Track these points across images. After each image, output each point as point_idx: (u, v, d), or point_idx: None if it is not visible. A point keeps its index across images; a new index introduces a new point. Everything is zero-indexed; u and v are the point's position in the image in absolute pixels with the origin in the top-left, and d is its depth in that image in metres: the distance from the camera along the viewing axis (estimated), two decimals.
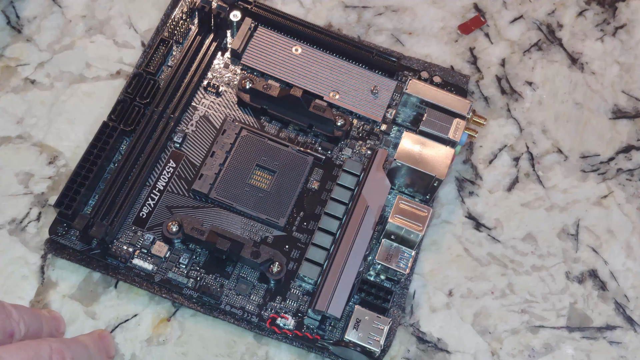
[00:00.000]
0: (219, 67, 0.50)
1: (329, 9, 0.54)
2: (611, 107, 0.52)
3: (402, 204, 0.43)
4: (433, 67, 0.51)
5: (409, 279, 0.45)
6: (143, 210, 0.45)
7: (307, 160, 0.47)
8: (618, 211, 0.49)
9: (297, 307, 0.43)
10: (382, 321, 0.41)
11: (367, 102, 0.49)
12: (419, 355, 0.44)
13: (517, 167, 0.50)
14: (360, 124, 0.49)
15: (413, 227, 0.43)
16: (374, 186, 0.45)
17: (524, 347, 0.45)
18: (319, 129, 0.48)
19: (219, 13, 0.49)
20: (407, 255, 0.43)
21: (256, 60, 0.50)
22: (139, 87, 0.47)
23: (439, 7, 0.55)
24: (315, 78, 0.49)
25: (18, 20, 0.51)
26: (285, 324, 0.43)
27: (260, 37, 0.50)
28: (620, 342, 0.46)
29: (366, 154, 0.48)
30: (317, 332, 0.43)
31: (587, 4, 0.56)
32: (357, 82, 0.49)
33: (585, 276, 0.47)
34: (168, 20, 0.50)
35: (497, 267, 0.47)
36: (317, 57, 0.50)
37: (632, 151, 0.51)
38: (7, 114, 0.48)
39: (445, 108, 0.47)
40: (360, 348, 0.41)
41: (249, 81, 0.48)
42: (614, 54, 0.54)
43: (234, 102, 0.49)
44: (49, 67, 0.50)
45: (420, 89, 0.47)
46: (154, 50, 0.49)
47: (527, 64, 0.53)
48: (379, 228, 0.45)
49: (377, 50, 0.50)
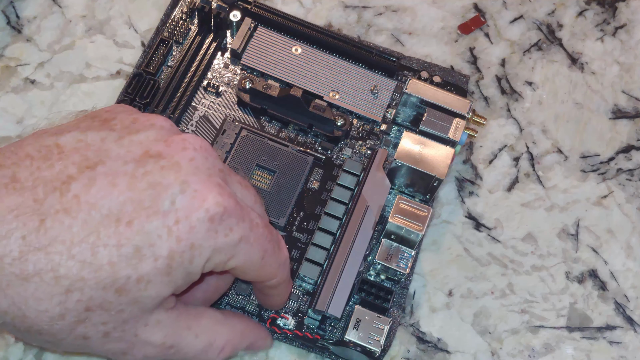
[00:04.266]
0: (218, 67, 0.50)
1: (329, 9, 0.54)
2: (611, 107, 0.52)
3: (402, 203, 0.43)
4: (433, 67, 0.51)
5: (409, 279, 0.45)
6: None
7: (307, 160, 0.47)
8: (618, 211, 0.49)
9: (297, 307, 0.43)
10: (382, 321, 0.41)
11: (367, 102, 0.49)
12: (419, 355, 0.44)
13: (517, 167, 0.50)
14: (360, 123, 0.49)
15: (413, 227, 0.43)
16: (374, 186, 0.45)
17: (524, 347, 0.45)
18: (318, 128, 0.48)
19: (218, 13, 0.49)
20: (407, 255, 0.43)
21: (256, 60, 0.50)
22: (139, 87, 0.47)
23: (439, 7, 0.55)
24: (315, 78, 0.49)
25: (18, 20, 0.51)
26: (285, 324, 0.43)
27: (260, 37, 0.50)
28: (620, 342, 0.46)
29: (366, 154, 0.48)
30: (317, 332, 0.43)
31: (587, 4, 0.56)
32: (357, 82, 0.49)
33: (585, 276, 0.47)
34: (168, 21, 0.50)
35: (497, 267, 0.47)
36: (317, 57, 0.50)
37: (632, 151, 0.51)
38: (7, 114, 0.49)
39: (445, 108, 0.47)
40: (360, 348, 0.41)
41: (249, 81, 0.48)
42: (614, 54, 0.54)
43: (234, 102, 0.49)
44: (49, 67, 0.50)
45: (420, 89, 0.47)
46: (154, 50, 0.49)
47: (527, 64, 0.53)
48: (378, 228, 0.45)
49: (377, 50, 0.50)
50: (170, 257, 0.31)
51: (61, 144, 0.32)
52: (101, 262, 0.30)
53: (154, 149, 0.32)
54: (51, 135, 0.32)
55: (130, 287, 0.31)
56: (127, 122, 0.33)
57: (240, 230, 0.32)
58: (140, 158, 0.31)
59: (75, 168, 0.31)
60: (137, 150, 0.32)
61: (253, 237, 0.33)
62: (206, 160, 0.33)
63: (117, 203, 0.30)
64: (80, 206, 0.30)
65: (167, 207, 0.31)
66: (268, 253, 0.35)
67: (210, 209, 0.31)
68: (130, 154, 0.32)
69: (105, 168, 0.31)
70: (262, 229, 0.34)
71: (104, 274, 0.30)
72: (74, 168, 0.31)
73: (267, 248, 0.35)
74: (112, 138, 0.32)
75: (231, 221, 0.32)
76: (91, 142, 0.32)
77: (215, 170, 0.33)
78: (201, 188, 0.31)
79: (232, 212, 0.32)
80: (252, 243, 0.33)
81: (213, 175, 0.32)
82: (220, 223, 0.32)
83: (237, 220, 0.32)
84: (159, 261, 0.31)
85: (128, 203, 0.30)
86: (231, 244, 0.32)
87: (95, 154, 0.31)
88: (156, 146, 0.32)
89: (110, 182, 0.31)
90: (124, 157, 0.31)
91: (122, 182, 0.31)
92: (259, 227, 0.34)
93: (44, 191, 0.30)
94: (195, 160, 0.32)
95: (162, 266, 0.31)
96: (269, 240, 0.35)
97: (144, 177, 0.31)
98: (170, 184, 0.31)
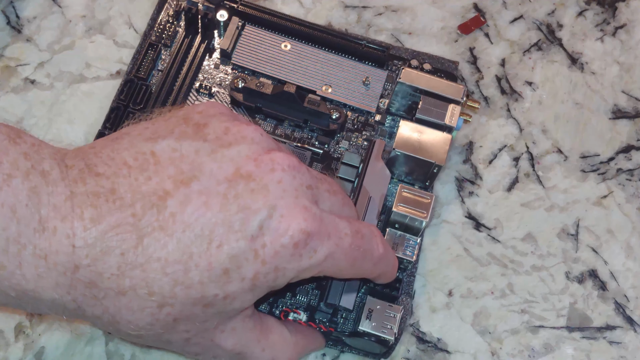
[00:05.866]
0: (209, 68, 0.50)
1: (329, 9, 0.54)
2: (611, 107, 0.52)
3: (405, 192, 0.44)
4: (422, 55, 0.51)
5: (415, 266, 0.45)
6: None
7: (306, 155, 0.47)
8: (618, 211, 0.49)
9: (307, 302, 0.44)
10: (394, 309, 0.42)
11: (360, 93, 0.49)
12: (418, 355, 0.44)
13: (517, 167, 0.50)
14: (355, 115, 0.49)
15: (417, 215, 0.43)
16: (375, 176, 0.45)
17: (524, 347, 0.45)
18: (314, 123, 0.48)
19: (206, 14, 0.49)
20: (413, 242, 0.43)
21: (246, 59, 0.50)
22: (131, 93, 0.47)
23: (439, 7, 0.55)
24: (306, 73, 0.49)
25: (18, 20, 0.51)
26: (297, 318, 0.43)
27: (248, 35, 0.50)
28: (620, 342, 0.46)
29: (363, 146, 0.48)
30: (330, 325, 0.43)
31: (587, 4, 0.56)
32: (349, 75, 0.50)
33: (585, 276, 0.47)
34: (155, 25, 0.50)
35: (497, 267, 0.47)
36: (307, 52, 0.50)
37: (632, 151, 0.51)
38: (7, 114, 0.49)
39: (439, 94, 0.47)
40: (374, 337, 0.41)
41: (241, 80, 0.48)
42: (614, 54, 0.54)
43: (228, 102, 0.49)
44: (49, 67, 0.50)
45: (414, 77, 0.47)
46: (143, 55, 0.49)
47: (527, 64, 0.53)
48: (382, 218, 0.45)
49: (365, 42, 0.50)
50: (255, 277, 0.33)
51: (157, 152, 0.33)
52: (192, 281, 0.32)
53: (245, 169, 0.33)
54: (146, 141, 0.33)
55: (217, 302, 0.33)
56: (219, 131, 0.34)
57: (325, 250, 0.34)
58: (232, 177, 0.33)
59: (171, 183, 0.32)
60: (229, 167, 0.33)
61: (339, 252, 0.35)
62: (294, 180, 0.34)
63: (210, 224, 0.32)
64: (175, 225, 0.31)
65: (255, 232, 0.32)
66: (358, 259, 0.36)
67: (294, 235, 0.33)
68: (222, 171, 0.33)
69: (200, 185, 0.32)
70: (350, 239, 0.35)
71: (194, 292, 0.32)
72: (170, 183, 0.32)
73: (356, 256, 0.36)
74: (206, 151, 0.33)
75: (315, 243, 0.33)
76: (186, 153, 0.33)
77: (302, 189, 0.34)
78: (287, 213, 0.33)
79: (316, 234, 0.33)
80: (338, 257, 0.35)
81: (300, 196, 0.34)
82: (305, 247, 0.33)
83: (322, 240, 0.34)
84: (245, 281, 0.32)
85: (219, 225, 0.32)
86: (316, 264, 0.34)
87: (189, 168, 0.32)
88: (246, 165, 0.33)
89: (204, 203, 0.32)
90: (216, 175, 0.32)
91: (215, 203, 0.32)
92: (347, 238, 0.35)
93: (142, 207, 0.31)
94: (283, 182, 0.33)
95: (247, 286, 0.33)
96: (357, 248, 0.36)
97: (235, 200, 0.32)
98: (259, 209, 0.32)
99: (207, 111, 0.36)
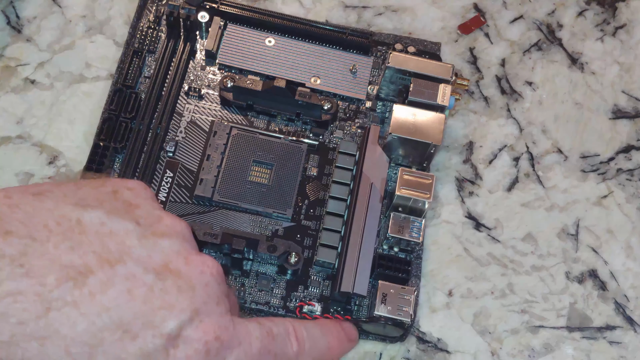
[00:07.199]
0: (196, 70, 0.50)
1: (329, 9, 0.54)
2: (611, 107, 0.52)
3: (406, 175, 0.44)
4: (404, 39, 0.51)
5: (421, 248, 0.45)
6: None
7: (302, 148, 0.47)
8: (618, 211, 0.49)
9: (320, 293, 0.44)
10: (407, 291, 0.42)
11: (348, 82, 0.50)
12: (418, 355, 0.44)
13: (517, 167, 0.50)
14: (346, 104, 0.49)
15: (420, 196, 0.43)
16: (374, 162, 0.45)
17: (524, 347, 0.45)
18: (306, 115, 0.48)
19: (187, 17, 0.49)
20: (418, 224, 0.44)
21: (232, 57, 0.50)
22: (121, 102, 0.47)
23: (439, 7, 0.55)
24: (293, 67, 0.49)
25: (18, 20, 0.51)
26: (312, 310, 0.43)
27: (231, 34, 0.50)
28: (620, 342, 0.46)
29: (357, 133, 0.48)
30: (345, 313, 0.43)
31: (587, 4, 0.56)
32: (335, 64, 0.50)
33: (585, 276, 0.47)
34: (136, 32, 0.50)
35: (497, 267, 0.47)
36: (291, 45, 0.50)
37: (632, 151, 0.51)
38: (7, 114, 0.49)
39: (429, 75, 0.47)
40: (391, 321, 0.41)
41: (230, 79, 0.48)
42: (614, 54, 0.54)
43: (218, 103, 0.49)
44: (49, 67, 0.50)
45: (402, 60, 0.47)
46: (129, 64, 0.48)
47: (527, 64, 0.53)
48: (384, 202, 0.46)
49: (348, 30, 0.50)
50: None
51: (84, 222, 0.31)
52: None
53: (174, 264, 0.32)
54: (74, 207, 0.31)
55: None
56: (152, 217, 0.33)
57: (233, 357, 0.33)
58: (160, 270, 0.31)
59: (95, 259, 0.30)
60: (159, 258, 0.32)
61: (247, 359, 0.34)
62: (218, 287, 0.33)
63: (130, 313, 0.30)
64: (92, 306, 0.29)
65: (174, 332, 0.31)
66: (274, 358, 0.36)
67: (209, 342, 0.32)
68: (151, 260, 0.31)
69: (125, 270, 0.30)
70: (259, 343, 0.35)
71: None
72: (94, 259, 0.30)
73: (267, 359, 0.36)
74: (136, 234, 0.32)
75: (226, 352, 0.33)
76: (115, 230, 0.31)
77: (222, 297, 0.34)
78: (207, 320, 0.32)
79: (228, 343, 0.33)
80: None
81: (220, 304, 0.33)
82: (216, 355, 0.32)
83: (232, 348, 0.33)
84: None
85: (140, 317, 0.30)
86: None
87: (117, 248, 0.31)
88: (177, 261, 0.32)
89: (128, 290, 0.30)
90: (144, 263, 0.31)
91: (139, 293, 0.30)
92: (257, 342, 0.35)
93: (57, 278, 0.29)
94: (209, 286, 0.33)
95: None
96: (268, 352, 0.35)
97: (161, 295, 0.31)
98: (183, 309, 0.31)
99: (139, 192, 0.34)
